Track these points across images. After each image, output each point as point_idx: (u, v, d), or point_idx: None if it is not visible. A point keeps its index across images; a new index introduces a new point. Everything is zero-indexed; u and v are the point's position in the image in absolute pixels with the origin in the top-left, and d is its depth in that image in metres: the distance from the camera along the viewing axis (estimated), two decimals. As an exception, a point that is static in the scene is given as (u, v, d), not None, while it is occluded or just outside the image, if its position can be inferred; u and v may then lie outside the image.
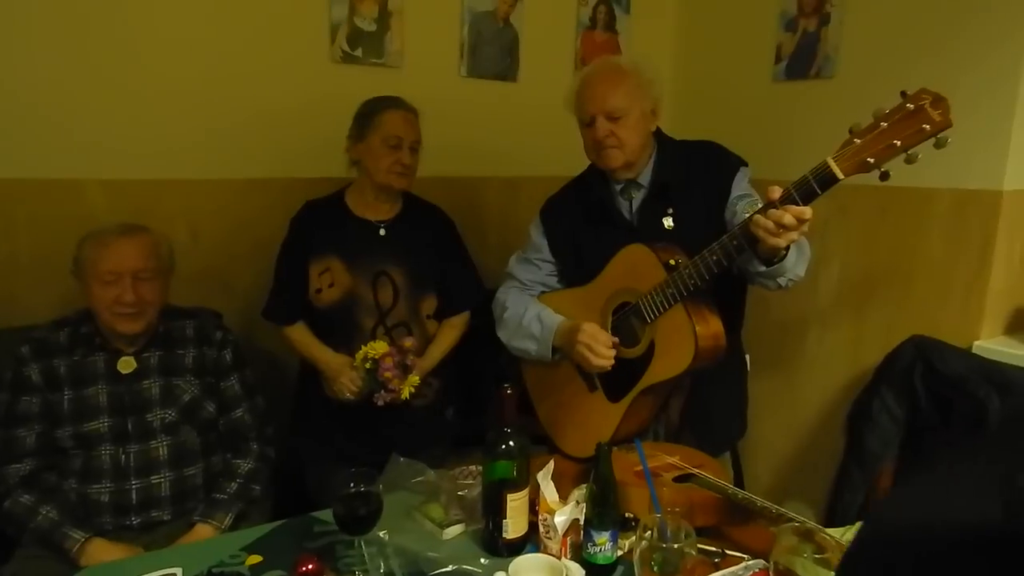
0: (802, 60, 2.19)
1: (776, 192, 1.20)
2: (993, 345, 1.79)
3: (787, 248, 1.27)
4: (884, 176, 1.16)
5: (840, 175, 1.15)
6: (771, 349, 2.30)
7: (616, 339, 1.50)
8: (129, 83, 1.87)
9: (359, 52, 2.14)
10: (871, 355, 2.03)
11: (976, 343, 1.81)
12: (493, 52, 2.36)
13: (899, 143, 1.10)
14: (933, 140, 1.09)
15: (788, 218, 1.18)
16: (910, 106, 1.09)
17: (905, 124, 1.09)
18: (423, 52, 2.24)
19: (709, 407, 1.61)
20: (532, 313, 1.63)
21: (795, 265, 1.36)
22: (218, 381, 1.64)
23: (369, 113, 1.78)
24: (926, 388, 1.78)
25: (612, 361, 1.47)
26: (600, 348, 1.46)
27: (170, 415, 1.54)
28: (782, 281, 1.38)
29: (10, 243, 1.79)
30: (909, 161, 1.12)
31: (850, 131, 1.15)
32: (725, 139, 1.65)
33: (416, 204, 1.91)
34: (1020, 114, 1.73)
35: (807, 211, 1.18)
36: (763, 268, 1.31)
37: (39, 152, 1.79)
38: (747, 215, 1.29)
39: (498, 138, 2.40)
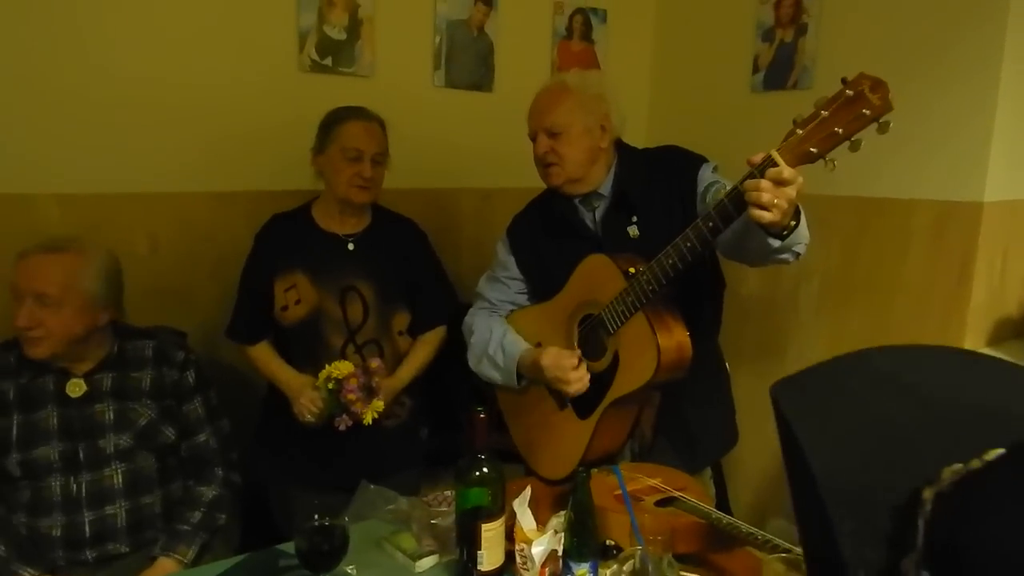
0: (780, 71, 2.18)
1: (757, 157, 1.14)
2: (975, 358, 1.77)
3: (797, 215, 1.20)
4: (830, 166, 1.11)
5: (783, 165, 1.10)
6: (750, 363, 2.26)
7: (579, 352, 1.46)
8: (85, 93, 1.79)
9: (328, 61, 2.08)
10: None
11: (958, 356, 1.79)
12: (468, 61, 2.31)
13: (841, 131, 1.07)
14: (875, 125, 1.06)
15: (787, 172, 1.10)
16: (849, 92, 1.06)
17: (846, 111, 1.06)
18: (395, 61, 2.18)
19: (686, 420, 1.56)
20: (496, 340, 1.60)
21: (805, 227, 1.27)
22: (179, 404, 1.56)
23: (330, 124, 1.72)
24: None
25: (586, 381, 1.43)
26: (569, 374, 1.42)
27: (124, 440, 1.46)
28: (799, 249, 1.29)
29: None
30: (853, 149, 1.09)
31: (793, 122, 1.12)
32: (703, 149, 1.62)
33: (386, 216, 1.85)
34: (1000, 126, 1.72)
35: (786, 169, 1.10)
36: (778, 243, 1.22)
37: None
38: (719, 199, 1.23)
39: (473, 149, 2.36)
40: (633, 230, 1.53)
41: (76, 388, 1.45)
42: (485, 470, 1.13)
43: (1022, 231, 1.87)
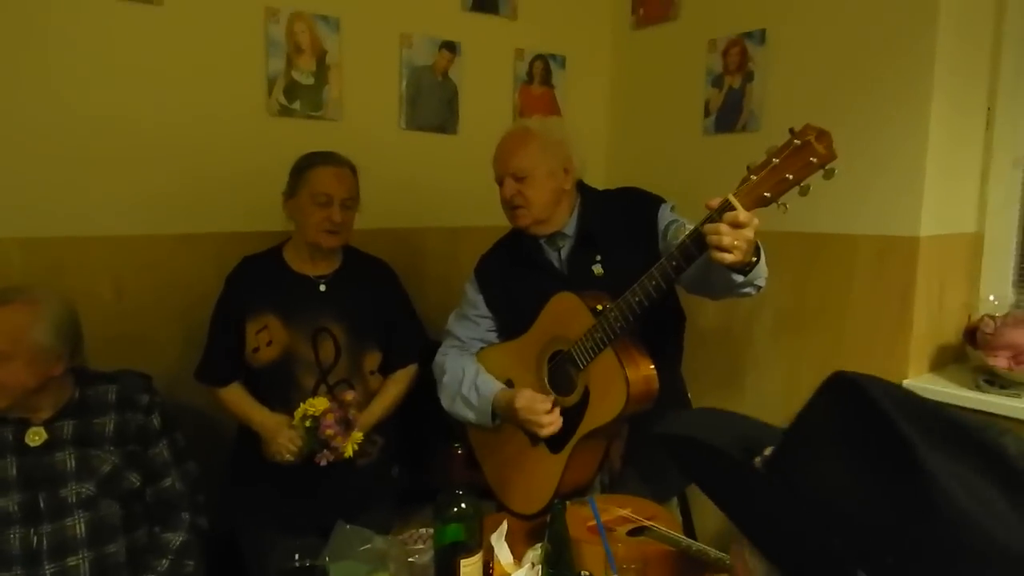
0: (729, 115, 2.30)
1: (715, 202, 1.22)
2: (921, 383, 1.88)
3: (756, 251, 1.28)
4: (783, 209, 1.20)
5: (740, 209, 1.18)
6: (712, 393, 2.34)
7: (552, 396, 1.51)
8: (50, 134, 1.78)
9: (297, 105, 2.12)
10: (807, 395, 2.08)
11: (905, 381, 1.89)
12: (432, 105, 2.38)
13: (791, 176, 1.15)
14: (822, 172, 1.15)
15: (743, 215, 1.18)
16: (797, 142, 1.15)
17: (795, 159, 1.15)
18: (362, 105, 2.23)
19: (654, 450, 1.60)
20: (469, 379, 1.63)
21: (764, 262, 1.36)
22: (145, 448, 1.53)
23: (301, 169, 1.75)
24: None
25: (559, 424, 1.47)
26: (542, 418, 1.47)
27: (87, 488, 1.43)
28: (760, 282, 1.38)
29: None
30: (803, 193, 1.18)
31: (748, 168, 1.21)
32: (658, 188, 1.70)
33: (357, 258, 1.88)
34: (931, 165, 1.86)
35: (742, 213, 1.19)
36: (741, 278, 1.30)
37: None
38: (680, 239, 1.31)
39: (439, 189, 2.41)
40: (598, 268, 1.59)
41: (35, 437, 1.42)
42: (463, 505, 1.15)
43: (956, 263, 2.00)
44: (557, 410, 1.49)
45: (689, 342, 1.82)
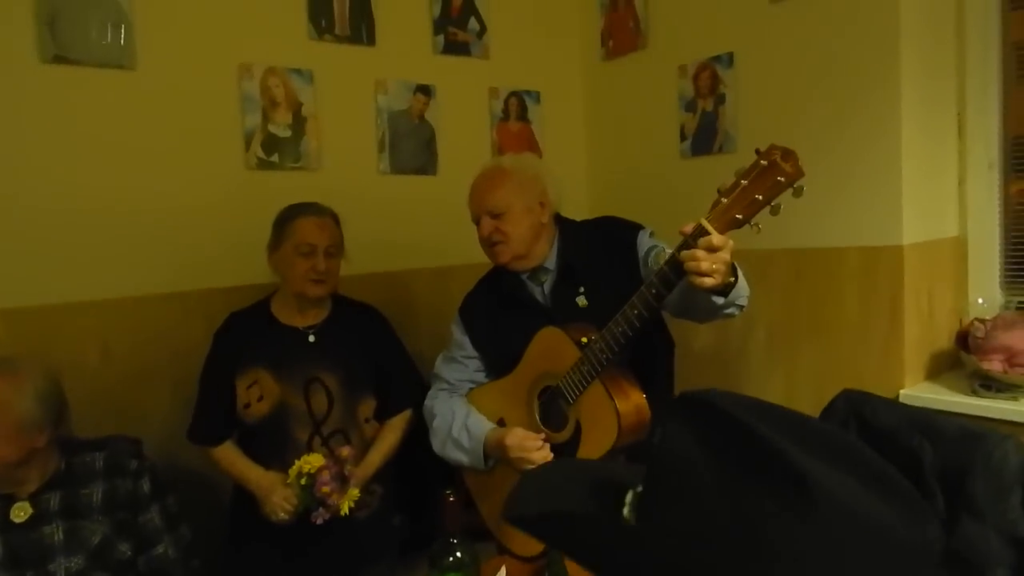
0: (705, 137, 2.32)
1: (688, 227, 1.22)
2: (918, 392, 1.86)
3: (734, 271, 1.28)
4: (755, 229, 1.20)
5: (714, 233, 1.18)
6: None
7: (543, 434, 1.50)
8: (29, 203, 1.78)
9: (275, 158, 2.13)
10: (805, 410, 2.05)
11: (902, 391, 1.88)
12: (411, 148, 2.40)
13: (761, 197, 1.16)
14: (791, 190, 1.15)
15: (718, 239, 1.18)
16: (764, 162, 1.16)
17: (763, 179, 1.15)
18: (340, 153, 2.25)
19: None
20: (460, 422, 1.62)
21: (743, 280, 1.36)
22: (135, 516, 1.50)
23: (283, 221, 1.76)
24: (861, 440, 1.81)
25: (550, 460, 1.45)
26: (533, 455, 1.46)
27: (76, 562, 1.39)
28: (742, 302, 1.38)
29: None
30: (774, 213, 1.18)
31: (718, 191, 1.21)
32: (640, 214, 1.71)
33: (346, 305, 1.87)
34: (907, 173, 1.87)
35: (716, 236, 1.18)
36: (722, 299, 1.30)
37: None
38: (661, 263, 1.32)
39: (423, 230, 2.42)
40: (581, 300, 1.59)
41: (21, 512, 1.39)
42: (459, 554, 1.12)
43: (941, 269, 2.00)
44: (547, 447, 1.47)
45: (682, 366, 1.81)
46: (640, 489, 0.60)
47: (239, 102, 2.07)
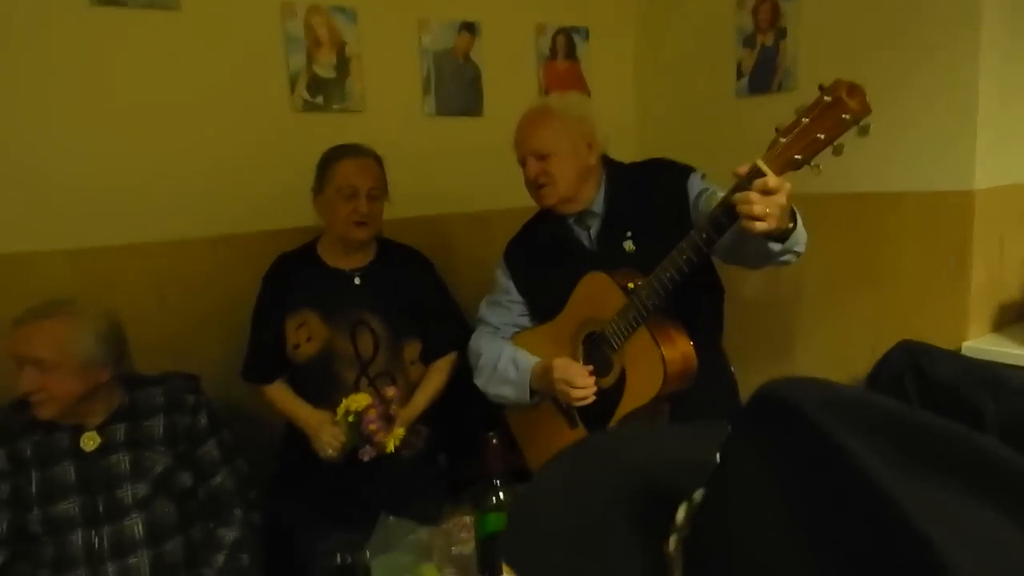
0: (763, 75, 2.20)
1: (742, 168, 1.17)
2: (982, 344, 1.78)
3: (792, 216, 1.22)
4: (815, 171, 1.14)
5: (769, 174, 1.12)
6: (756, 362, 2.27)
7: (591, 367, 1.48)
8: (84, 147, 1.82)
9: (320, 99, 2.11)
10: (860, 362, 2.01)
11: (965, 344, 1.80)
12: (456, 89, 2.35)
13: (823, 136, 1.09)
14: (856, 129, 1.09)
15: (773, 181, 1.12)
16: (828, 98, 1.09)
17: (826, 117, 1.09)
18: (385, 94, 2.22)
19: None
20: (507, 357, 1.62)
21: (802, 227, 1.29)
22: (194, 448, 1.57)
23: (325, 164, 1.75)
24: (919, 395, 1.76)
25: (593, 391, 1.45)
26: (577, 380, 1.45)
27: (142, 489, 1.48)
28: (799, 248, 1.32)
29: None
30: (836, 153, 1.12)
31: (776, 130, 1.15)
32: (692, 156, 1.64)
33: (391, 248, 1.87)
34: (984, 112, 1.74)
35: (771, 178, 1.12)
36: (778, 246, 1.24)
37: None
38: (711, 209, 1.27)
39: (466, 174, 2.38)
40: (629, 245, 1.55)
41: (90, 441, 1.47)
42: (501, 495, 1.14)
43: (1016, 215, 1.88)
44: (592, 379, 1.46)
45: (731, 314, 1.77)
46: (691, 516, 0.43)
47: (283, 42, 2.04)
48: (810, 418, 0.36)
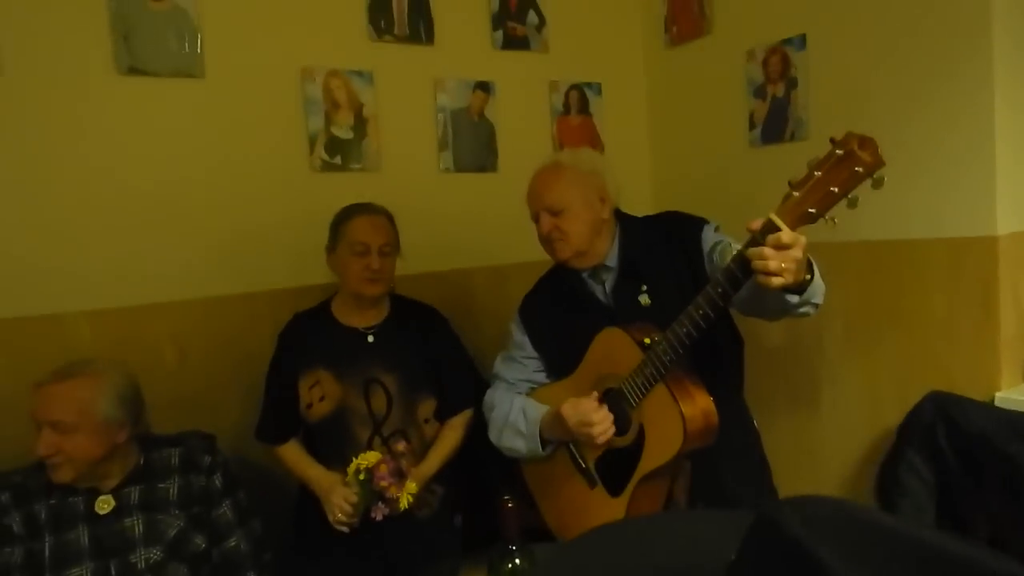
0: (776, 124, 2.21)
1: (756, 223, 1.16)
2: (1016, 395, 1.71)
3: (810, 268, 1.21)
4: (831, 224, 1.13)
5: (784, 229, 1.11)
6: (781, 417, 2.21)
7: (596, 394, 1.45)
8: (108, 209, 1.87)
9: (338, 159, 2.16)
10: (890, 414, 1.95)
11: (998, 395, 1.73)
12: (471, 146, 2.39)
13: (837, 189, 1.08)
14: (870, 181, 1.08)
15: (788, 235, 1.11)
16: (839, 152, 1.08)
17: (839, 170, 1.08)
18: (401, 153, 2.27)
19: (722, 484, 1.52)
20: (517, 408, 1.60)
21: (819, 278, 1.28)
22: (208, 510, 1.56)
23: (338, 223, 1.79)
24: (952, 448, 1.69)
25: (611, 423, 1.41)
26: (592, 416, 1.41)
27: (155, 554, 1.46)
28: (817, 300, 1.30)
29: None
30: (851, 205, 1.11)
31: (789, 184, 1.14)
32: (707, 207, 1.64)
33: (405, 305, 1.88)
34: (1002, 157, 1.72)
35: (786, 233, 1.11)
36: (796, 298, 1.23)
37: (11, 291, 1.77)
38: (725, 263, 1.26)
39: (482, 229, 2.41)
40: (644, 299, 1.54)
41: (104, 505, 1.46)
42: (517, 562, 1.10)
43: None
44: (605, 408, 1.43)
45: (753, 365, 1.73)
46: None
47: (302, 105, 2.11)
48: (787, 532, 0.44)
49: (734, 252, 1.41)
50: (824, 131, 2.07)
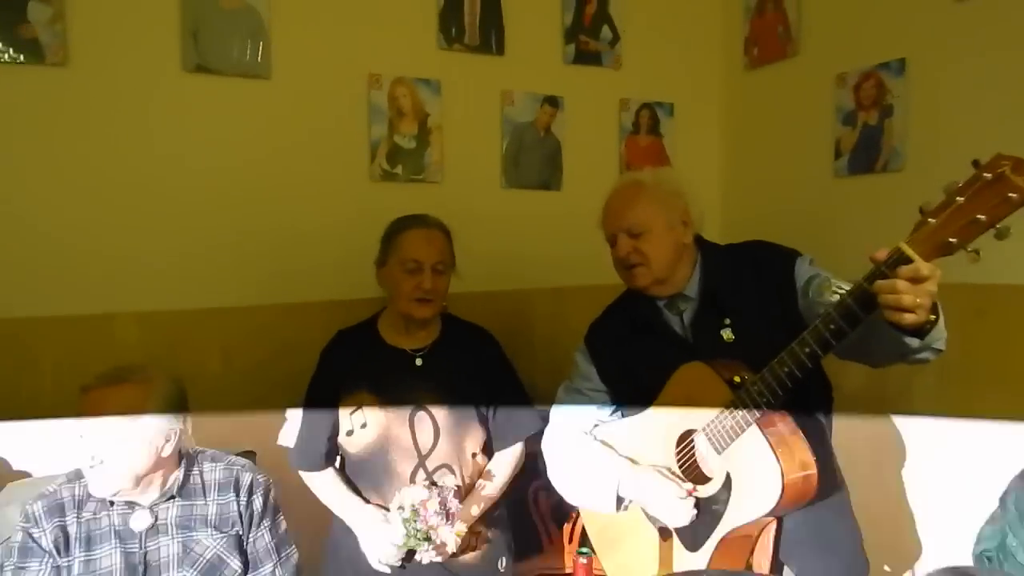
0: (865, 154, 2.06)
1: (882, 253, 1.02)
2: None
3: (934, 308, 1.07)
4: (972, 257, 0.98)
5: (918, 260, 0.98)
6: (868, 473, 2.03)
7: (690, 485, 1.32)
8: (166, 210, 1.83)
9: (399, 169, 2.09)
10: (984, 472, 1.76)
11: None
12: (535, 162, 2.30)
13: (984, 217, 0.95)
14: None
15: (925, 268, 0.98)
16: (987, 175, 0.94)
17: (986, 195, 0.95)
18: (463, 166, 2.19)
19: (809, 545, 1.36)
20: (586, 460, 1.46)
21: (943, 321, 1.14)
22: (245, 533, 1.46)
23: (390, 235, 1.66)
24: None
25: (692, 514, 1.27)
26: (676, 506, 1.28)
27: (188, 578, 1.36)
28: (940, 345, 1.16)
29: (35, 384, 1.69)
30: (1000, 236, 0.96)
31: (921, 211, 1.01)
32: (783, 239, 1.51)
33: (457, 327, 1.75)
34: None
35: (924, 265, 0.99)
36: (916, 341, 1.09)
37: (65, 288, 1.73)
38: (835, 293, 1.15)
39: (543, 248, 2.30)
40: (727, 333, 1.41)
41: (141, 521, 1.37)
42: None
43: None
44: (691, 500, 1.29)
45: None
46: None
47: (367, 112, 2.04)
48: None
49: (835, 288, 1.27)
50: (923, 162, 1.94)
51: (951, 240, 0.97)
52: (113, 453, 1.31)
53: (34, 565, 1.32)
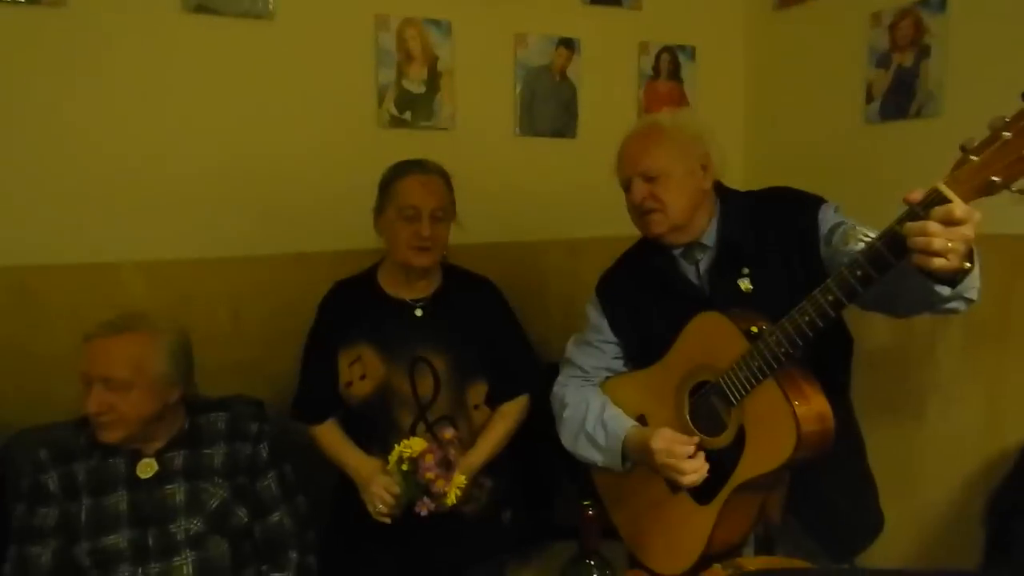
0: (900, 98, 1.95)
1: (917, 193, 0.95)
2: None
3: (970, 254, 0.99)
4: (1016, 197, 0.90)
5: (956, 201, 0.91)
6: (879, 425, 1.98)
7: (697, 437, 1.27)
8: (166, 157, 1.78)
9: (408, 115, 2.02)
10: (1011, 434, 1.71)
11: None
12: (550, 108, 2.21)
13: None
14: None
15: (961, 209, 0.90)
16: None
17: None
18: (475, 112, 2.11)
19: (821, 498, 1.33)
20: (594, 415, 1.42)
21: (978, 268, 1.06)
22: (252, 481, 1.45)
23: (387, 182, 1.60)
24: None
25: (704, 472, 1.23)
26: (683, 464, 1.23)
27: (196, 525, 1.36)
28: (972, 295, 1.09)
29: (43, 334, 1.68)
30: None
31: (962, 148, 0.92)
32: (810, 188, 1.42)
33: (459, 277, 1.70)
34: None
35: (958, 206, 0.91)
36: (947, 289, 1.02)
37: (72, 236, 1.70)
38: (861, 241, 1.10)
39: (557, 199, 2.23)
40: (745, 283, 1.35)
41: (147, 468, 1.37)
42: (596, 578, 0.95)
43: None
44: (702, 455, 1.25)
45: (853, 369, 1.52)
46: None
47: (374, 55, 1.97)
48: None
49: (861, 236, 1.20)
50: (961, 107, 1.82)
51: (994, 179, 0.90)
52: (122, 401, 1.31)
53: (42, 510, 1.33)
